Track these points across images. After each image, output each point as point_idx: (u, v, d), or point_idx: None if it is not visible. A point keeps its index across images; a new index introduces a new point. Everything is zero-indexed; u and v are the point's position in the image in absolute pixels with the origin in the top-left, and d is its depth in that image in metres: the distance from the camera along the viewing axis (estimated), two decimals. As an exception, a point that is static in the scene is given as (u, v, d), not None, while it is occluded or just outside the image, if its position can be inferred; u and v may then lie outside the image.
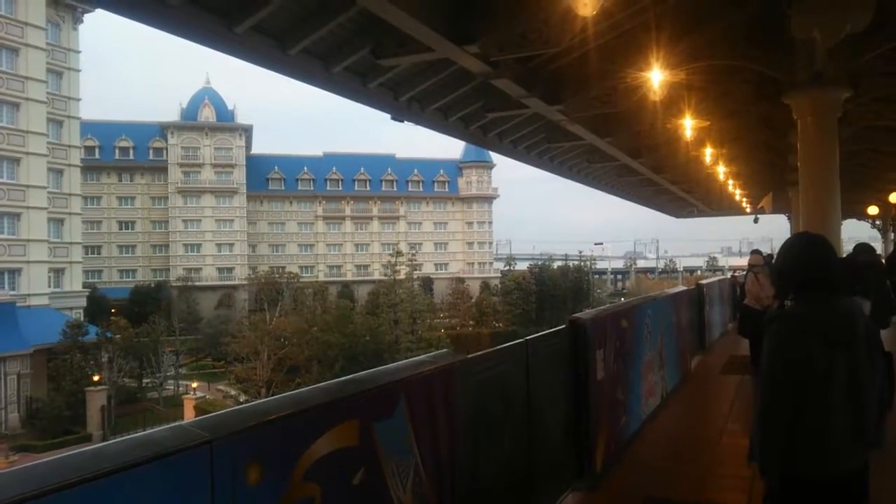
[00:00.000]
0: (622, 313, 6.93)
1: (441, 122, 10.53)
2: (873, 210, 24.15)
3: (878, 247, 27.73)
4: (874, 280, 8.21)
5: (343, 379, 2.96)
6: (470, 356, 3.83)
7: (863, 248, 9.03)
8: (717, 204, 28.04)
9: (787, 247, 2.80)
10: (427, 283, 76.74)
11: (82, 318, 46.34)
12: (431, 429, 3.24)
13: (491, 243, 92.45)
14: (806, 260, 2.69)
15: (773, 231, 56.12)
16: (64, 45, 49.86)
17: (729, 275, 24.15)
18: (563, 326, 5.56)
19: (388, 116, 10.44)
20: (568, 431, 5.35)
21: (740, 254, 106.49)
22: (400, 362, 3.36)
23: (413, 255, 74.35)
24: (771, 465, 2.59)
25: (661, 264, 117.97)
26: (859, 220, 26.73)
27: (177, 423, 2.15)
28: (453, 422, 3.42)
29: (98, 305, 54.94)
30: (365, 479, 2.71)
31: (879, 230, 27.05)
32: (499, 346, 4.43)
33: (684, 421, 8.15)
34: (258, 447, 2.20)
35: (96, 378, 41.36)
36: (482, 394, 3.86)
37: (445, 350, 3.81)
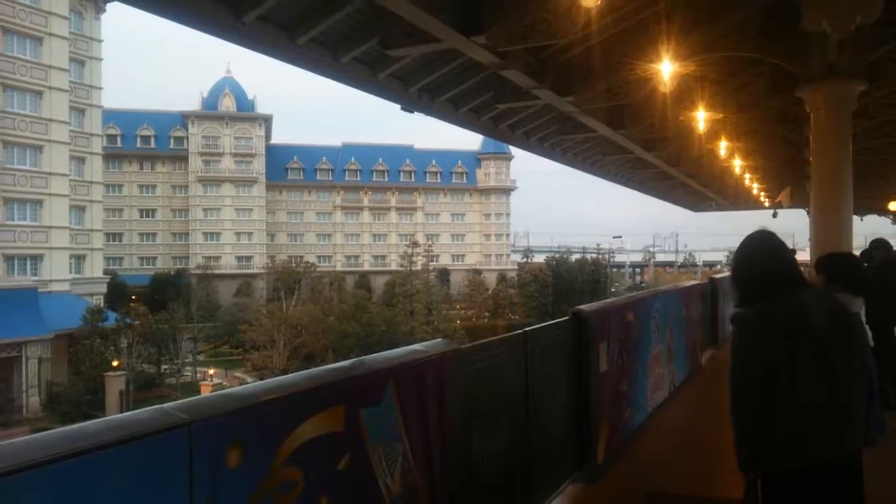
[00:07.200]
0: (627, 306, 6.89)
1: (451, 113, 10.49)
2: (894, 206, 23.76)
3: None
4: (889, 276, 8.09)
5: (331, 366, 2.98)
6: (464, 346, 3.85)
7: (879, 244, 8.90)
8: (733, 198, 27.73)
9: (742, 254, 2.81)
10: (444, 274, 76.84)
11: (102, 305, 46.95)
12: (421, 417, 3.25)
13: (508, 235, 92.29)
14: (761, 269, 2.73)
15: (791, 225, 55.28)
16: (86, 35, 50.35)
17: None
18: (566, 318, 5.55)
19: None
20: (569, 423, 5.35)
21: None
22: (391, 350, 3.37)
23: (430, 245, 74.50)
24: (746, 458, 2.61)
25: (681, 258, 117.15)
26: (880, 215, 26.31)
27: (159, 406, 2.18)
28: (445, 410, 3.44)
29: (118, 292, 55.54)
30: (350, 464, 2.73)
31: (901, 226, 26.62)
32: (495, 337, 4.42)
33: (692, 415, 8.09)
34: (239, 431, 2.22)
35: (115, 363, 41.89)
36: (477, 384, 3.87)
37: (440, 339, 3.82)
